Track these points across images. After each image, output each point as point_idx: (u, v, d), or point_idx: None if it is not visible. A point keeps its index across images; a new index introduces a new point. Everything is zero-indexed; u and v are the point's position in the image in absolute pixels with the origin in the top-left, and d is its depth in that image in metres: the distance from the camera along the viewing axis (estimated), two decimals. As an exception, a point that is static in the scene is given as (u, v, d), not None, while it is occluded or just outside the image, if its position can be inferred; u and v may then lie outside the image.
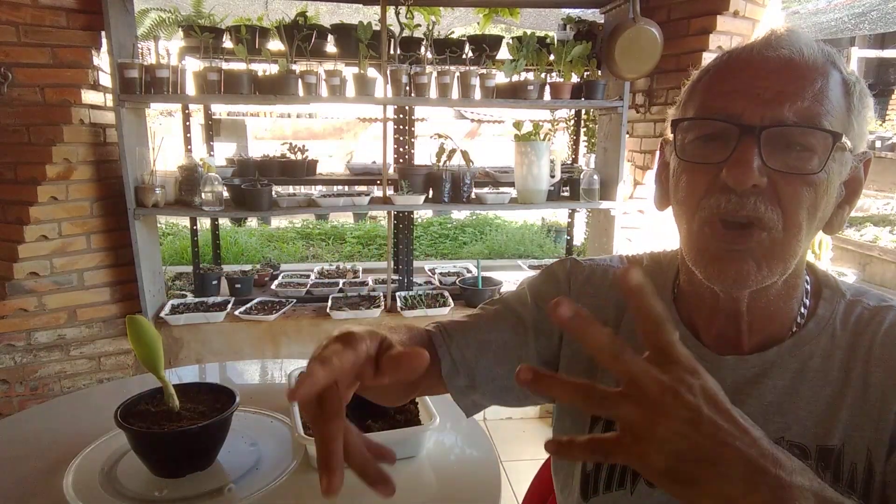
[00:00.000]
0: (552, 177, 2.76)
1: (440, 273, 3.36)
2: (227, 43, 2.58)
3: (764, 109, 0.61)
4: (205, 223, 4.07)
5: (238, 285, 2.98)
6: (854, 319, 0.70)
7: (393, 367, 0.52)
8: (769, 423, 0.67)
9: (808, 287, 0.73)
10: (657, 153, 0.78)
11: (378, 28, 2.59)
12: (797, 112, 0.60)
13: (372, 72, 2.64)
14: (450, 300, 2.91)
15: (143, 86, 2.37)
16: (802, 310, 0.71)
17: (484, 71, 2.63)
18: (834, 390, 0.67)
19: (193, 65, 2.57)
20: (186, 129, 2.92)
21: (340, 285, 3.09)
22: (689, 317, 0.76)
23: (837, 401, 0.66)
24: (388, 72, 2.54)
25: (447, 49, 2.68)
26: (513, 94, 2.65)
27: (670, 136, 0.70)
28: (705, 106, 0.65)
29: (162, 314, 2.64)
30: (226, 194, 2.66)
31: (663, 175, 0.74)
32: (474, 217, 7.11)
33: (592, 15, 3.17)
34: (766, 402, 0.68)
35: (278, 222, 7.37)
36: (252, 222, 7.00)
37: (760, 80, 0.62)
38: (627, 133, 2.86)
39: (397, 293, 2.95)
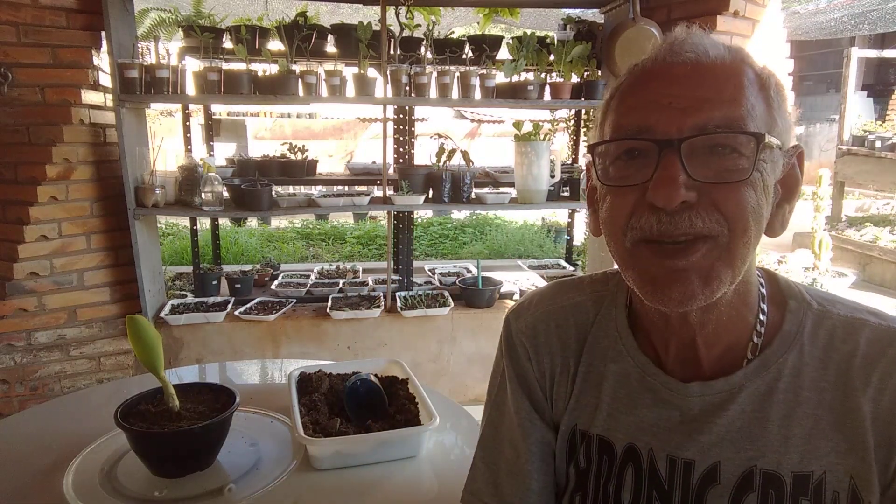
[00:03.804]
0: (552, 177, 2.76)
1: (440, 273, 3.36)
2: (227, 43, 2.58)
3: (680, 119, 0.57)
4: (205, 223, 4.08)
5: (238, 285, 2.98)
6: (825, 333, 0.65)
7: None
8: (740, 452, 0.63)
9: (764, 292, 0.68)
10: (584, 178, 0.75)
11: (378, 28, 2.59)
12: (715, 118, 0.57)
13: (372, 72, 2.64)
14: (450, 300, 2.91)
15: (143, 86, 2.38)
16: (761, 316, 0.66)
17: (484, 71, 2.63)
18: (807, 412, 0.63)
19: (193, 65, 2.57)
20: (186, 129, 2.92)
21: (340, 285, 3.09)
22: (646, 342, 0.71)
23: (814, 424, 0.62)
24: (388, 72, 2.54)
25: (447, 49, 2.68)
26: (513, 94, 2.65)
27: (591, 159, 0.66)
28: (619, 125, 0.62)
29: (162, 314, 2.64)
30: (226, 194, 2.66)
31: (594, 199, 0.69)
32: (474, 217, 7.10)
33: (592, 15, 3.17)
34: (735, 428, 0.64)
35: (278, 222, 7.36)
36: (252, 222, 7.00)
37: (670, 88, 0.58)
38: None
39: (397, 293, 2.95)
